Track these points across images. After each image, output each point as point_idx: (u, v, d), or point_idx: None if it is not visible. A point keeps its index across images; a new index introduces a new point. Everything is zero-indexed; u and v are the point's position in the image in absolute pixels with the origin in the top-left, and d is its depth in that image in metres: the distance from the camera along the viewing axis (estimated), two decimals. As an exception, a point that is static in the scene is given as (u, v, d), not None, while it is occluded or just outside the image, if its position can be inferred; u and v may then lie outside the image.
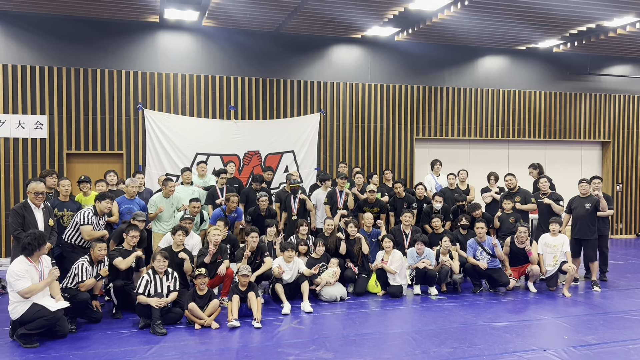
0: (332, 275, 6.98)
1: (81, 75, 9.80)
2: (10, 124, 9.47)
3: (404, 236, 7.87)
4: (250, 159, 10.15)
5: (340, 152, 11.24)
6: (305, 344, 5.24)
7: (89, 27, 9.82)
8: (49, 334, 5.27)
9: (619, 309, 6.58)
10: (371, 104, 11.44)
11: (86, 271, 5.79)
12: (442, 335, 5.52)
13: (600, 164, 13.44)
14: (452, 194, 8.75)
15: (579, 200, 7.78)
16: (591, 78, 12.97)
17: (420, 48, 11.62)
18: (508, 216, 8.01)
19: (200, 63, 10.48)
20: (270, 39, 10.78)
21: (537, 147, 12.83)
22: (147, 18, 9.87)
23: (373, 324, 5.95)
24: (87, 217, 6.28)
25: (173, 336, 5.46)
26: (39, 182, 5.95)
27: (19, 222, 5.77)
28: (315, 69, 11.13)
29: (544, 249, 7.47)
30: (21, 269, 5.12)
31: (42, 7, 9.17)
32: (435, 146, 12.07)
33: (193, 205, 7.51)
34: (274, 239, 7.44)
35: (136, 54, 10.14)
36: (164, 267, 5.89)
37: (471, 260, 7.37)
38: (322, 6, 9.01)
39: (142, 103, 10.02)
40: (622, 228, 13.26)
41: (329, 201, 8.37)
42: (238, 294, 6.02)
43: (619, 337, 5.49)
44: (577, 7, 9.06)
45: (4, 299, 6.46)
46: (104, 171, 8.13)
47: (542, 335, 5.55)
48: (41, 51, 9.65)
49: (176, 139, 9.69)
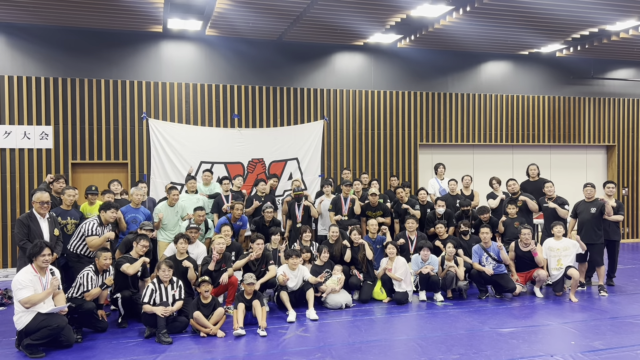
0: (337, 282, 6.96)
1: (86, 86, 9.87)
2: (16, 135, 9.54)
3: (409, 242, 7.85)
4: (254, 167, 10.18)
5: (344, 159, 11.25)
6: (310, 351, 5.22)
7: (93, 38, 9.90)
8: (54, 344, 5.27)
9: (627, 313, 6.52)
10: (374, 111, 11.45)
11: (91, 280, 5.80)
12: (449, 341, 5.49)
13: (606, 168, 13.38)
14: (453, 200, 8.72)
15: (585, 204, 7.75)
16: (595, 82, 12.94)
17: (422, 54, 11.64)
18: (512, 221, 7.98)
19: (204, 72, 10.53)
20: (273, 47, 10.84)
21: (541, 151, 12.80)
22: (150, 28, 9.94)
23: (379, 331, 5.92)
24: (92, 229, 6.29)
25: (179, 345, 5.46)
26: (44, 192, 5.98)
27: (24, 232, 5.79)
28: (318, 76, 11.16)
29: (548, 252, 7.43)
30: (25, 279, 5.14)
31: (47, 19, 9.25)
32: (439, 152, 12.06)
33: (198, 214, 7.52)
34: (278, 247, 7.44)
35: (140, 64, 10.21)
36: (169, 276, 5.89)
37: (477, 266, 7.34)
38: (324, 14, 9.05)
39: (147, 112, 10.08)
40: (629, 232, 13.17)
41: (334, 208, 8.37)
42: (243, 302, 6.02)
43: (627, 342, 5.44)
44: (579, 12, 9.06)
45: (10, 310, 6.47)
46: (108, 181, 8.16)
47: (550, 341, 5.51)
48: (46, 62, 9.73)
49: (180, 148, 9.74)
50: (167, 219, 7.53)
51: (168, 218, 7.54)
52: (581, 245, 7.33)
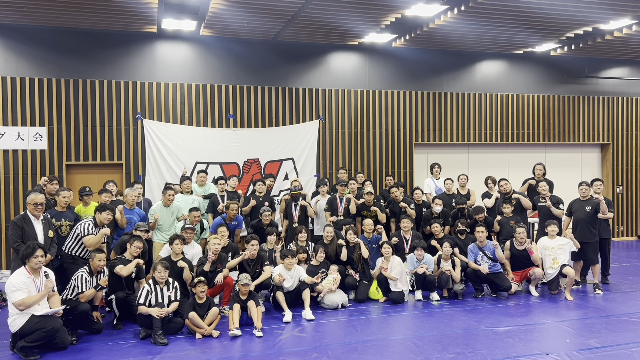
0: (333, 282, 6.96)
1: (80, 87, 9.83)
2: (10, 136, 9.49)
3: (404, 242, 7.85)
4: (249, 167, 10.16)
5: (340, 158, 11.25)
6: (307, 352, 5.22)
7: (87, 38, 9.86)
8: (49, 346, 5.24)
9: (622, 311, 6.55)
10: (370, 110, 11.45)
11: (86, 282, 5.77)
12: (444, 340, 5.50)
13: (600, 167, 13.44)
14: (449, 199, 8.73)
15: (579, 203, 7.77)
16: (589, 81, 12.99)
17: (417, 54, 11.65)
18: (508, 220, 8.00)
19: (199, 72, 10.51)
20: (268, 47, 10.82)
21: (536, 150, 12.84)
22: (145, 28, 9.91)
23: (375, 330, 5.92)
24: (87, 229, 6.26)
25: (174, 346, 5.44)
26: (38, 193, 5.95)
27: (18, 234, 5.77)
28: (313, 76, 11.15)
29: (543, 251, 7.45)
30: (19, 281, 5.11)
31: (41, 20, 9.21)
32: (434, 151, 12.08)
33: (193, 214, 7.50)
34: (274, 247, 7.43)
35: (134, 65, 10.17)
36: (164, 277, 5.88)
37: (472, 265, 7.35)
38: (318, 14, 9.05)
39: (141, 113, 10.05)
40: (623, 230, 13.23)
41: (329, 208, 8.36)
42: (239, 302, 6.01)
43: (622, 340, 5.46)
44: (573, 11, 9.09)
45: (4, 312, 6.44)
46: (103, 181, 8.14)
47: (545, 339, 5.53)
48: (40, 63, 9.68)
49: (175, 149, 9.72)
50: (162, 219, 7.52)
51: (163, 219, 7.54)
52: (575, 243, 7.36)
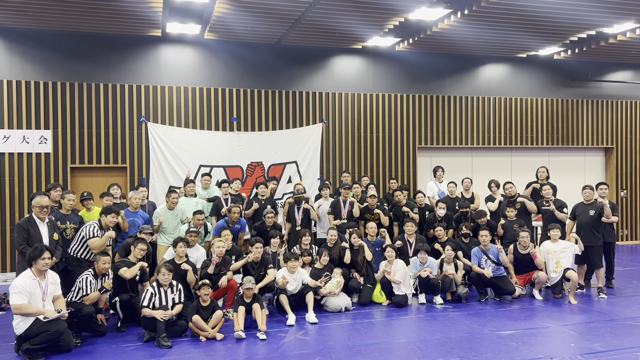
0: (337, 286, 6.97)
1: (85, 90, 9.88)
2: (15, 139, 9.54)
3: (408, 245, 7.85)
4: (253, 170, 10.17)
5: (343, 162, 11.26)
6: (310, 355, 5.22)
7: (92, 42, 9.92)
8: (54, 349, 5.26)
9: (626, 315, 6.53)
10: (373, 114, 11.47)
11: (90, 284, 5.79)
12: (448, 344, 5.49)
13: (604, 170, 13.41)
14: (452, 203, 8.73)
15: (583, 206, 7.76)
16: (593, 84, 12.98)
17: (421, 57, 11.67)
18: (511, 223, 7.99)
19: (203, 76, 10.55)
20: (271, 51, 10.86)
21: (540, 154, 12.82)
22: (149, 32, 9.96)
23: (378, 334, 5.92)
24: (93, 232, 6.29)
25: (178, 349, 5.45)
26: (43, 196, 5.98)
27: (24, 236, 5.79)
28: (316, 80, 11.18)
29: (546, 255, 7.44)
30: (23, 284, 5.13)
31: (46, 24, 9.27)
32: (438, 155, 12.08)
33: (197, 217, 7.52)
34: (277, 250, 7.44)
35: (139, 68, 10.22)
36: (168, 280, 5.89)
37: (476, 269, 7.35)
38: (322, 18, 9.08)
39: (146, 116, 10.09)
40: (628, 234, 13.18)
41: (333, 211, 8.37)
42: (243, 305, 6.02)
43: (626, 344, 5.45)
44: (576, 14, 9.09)
45: (9, 314, 6.47)
46: (108, 184, 8.17)
47: (549, 343, 5.51)
48: (45, 67, 9.74)
49: (179, 152, 9.73)
50: (166, 222, 7.54)
51: (168, 222, 7.55)
52: (579, 243, 7.34)
